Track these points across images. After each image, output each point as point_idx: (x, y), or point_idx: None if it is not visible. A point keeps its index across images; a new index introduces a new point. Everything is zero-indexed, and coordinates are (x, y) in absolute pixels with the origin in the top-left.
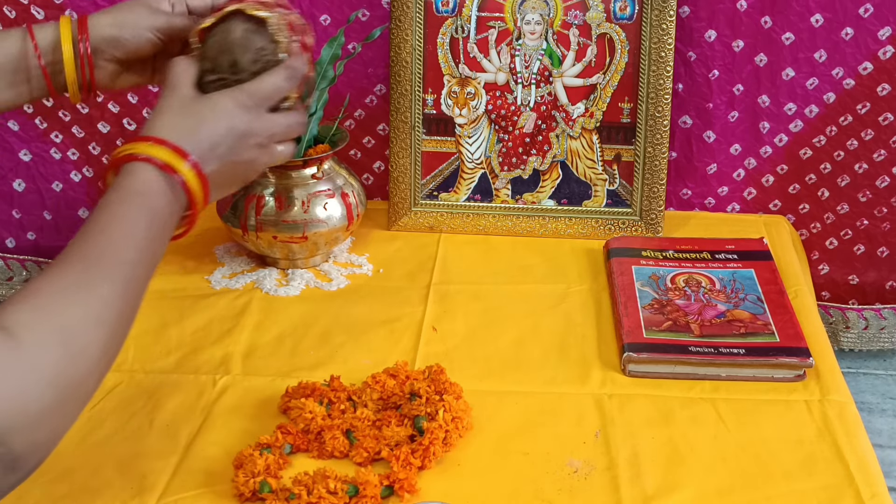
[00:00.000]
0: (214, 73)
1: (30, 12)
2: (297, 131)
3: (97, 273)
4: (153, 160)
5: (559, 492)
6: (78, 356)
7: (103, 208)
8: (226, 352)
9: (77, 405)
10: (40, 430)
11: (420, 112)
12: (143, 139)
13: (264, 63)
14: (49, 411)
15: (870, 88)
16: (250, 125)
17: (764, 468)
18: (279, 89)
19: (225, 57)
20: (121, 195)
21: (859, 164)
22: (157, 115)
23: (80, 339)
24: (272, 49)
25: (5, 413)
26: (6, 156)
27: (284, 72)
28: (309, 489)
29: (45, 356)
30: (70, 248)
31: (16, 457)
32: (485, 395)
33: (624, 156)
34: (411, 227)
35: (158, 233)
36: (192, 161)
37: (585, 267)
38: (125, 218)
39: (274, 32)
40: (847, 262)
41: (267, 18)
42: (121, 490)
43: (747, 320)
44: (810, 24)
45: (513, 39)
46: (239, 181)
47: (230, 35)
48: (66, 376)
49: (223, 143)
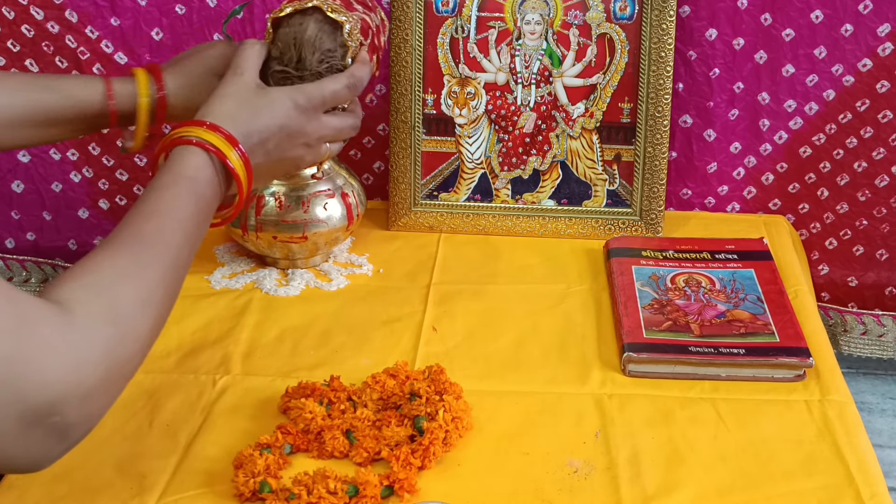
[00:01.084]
0: (280, 64)
1: (29, 12)
2: (347, 133)
3: (148, 255)
4: (206, 145)
5: (559, 492)
6: (127, 336)
7: (155, 190)
8: (226, 352)
9: (122, 382)
10: (91, 403)
11: (420, 112)
12: (199, 123)
13: (329, 66)
14: (99, 386)
15: (869, 85)
16: (303, 126)
17: (764, 468)
18: (338, 96)
19: (293, 51)
20: (173, 178)
21: (858, 162)
22: (218, 98)
23: (129, 320)
24: (341, 53)
25: (62, 384)
26: (5, 157)
27: (346, 80)
28: (309, 489)
29: (97, 333)
30: (123, 226)
31: (67, 426)
32: (485, 395)
33: (624, 156)
34: (411, 227)
35: (203, 218)
36: (241, 150)
37: (585, 267)
38: (176, 202)
39: (346, 38)
40: (847, 263)
41: (342, 23)
42: (121, 490)
43: (747, 320)
44: (810, 20)
45: (513, 39)
46: (279, 175)
47: (303, 31)
48: (115, 354)
49: (272, 139)
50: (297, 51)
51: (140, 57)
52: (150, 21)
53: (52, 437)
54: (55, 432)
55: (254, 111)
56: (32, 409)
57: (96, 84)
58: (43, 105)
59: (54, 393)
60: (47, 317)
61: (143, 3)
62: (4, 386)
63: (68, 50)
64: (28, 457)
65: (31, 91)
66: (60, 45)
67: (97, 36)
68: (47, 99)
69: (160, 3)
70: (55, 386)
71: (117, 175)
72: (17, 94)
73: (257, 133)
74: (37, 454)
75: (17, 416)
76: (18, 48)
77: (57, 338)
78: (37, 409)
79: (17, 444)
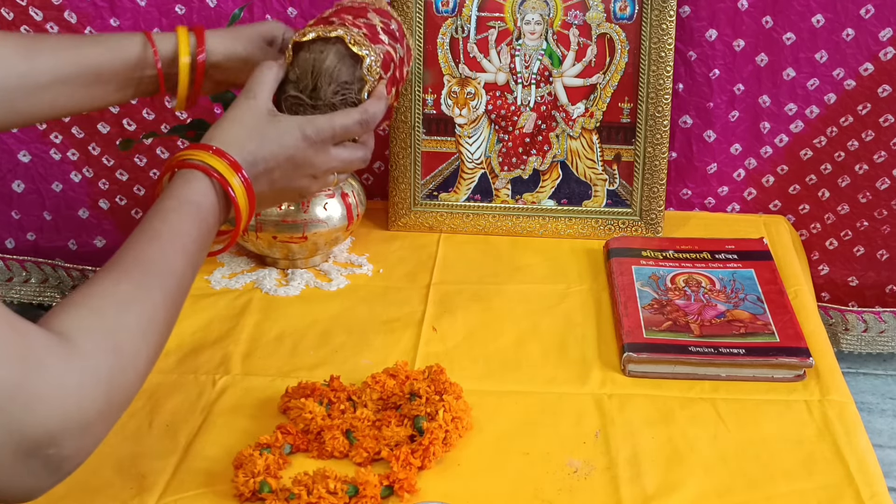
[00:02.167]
0: (295, 89)
1: (28, 13)
2: (357, 166)
3: (150, 282)
4: (210, 171)
5: (559, 492)
6: (128, 365)
7: (158, 214)
8: (225, 352)
9: (120, 412)
10: (88, 435)
11: (420, 112)
12: (205, 147)
13: (344, 98)
14: (98, 417)
15: (870, 89)
16: (310, 158)
17: (764, 468)
18: (348, 131)
19: (309, 79)
20: (177, 202)
21: (859, 164)
22: (227, 122)
23: (130, 349)
24: (357, 87)
25: (63, 416)
26: (5, 157)
27: (359, 115)
28: (309, 489)
29: (100, 364)
30: (125, 251)
31: (63, 458)
32: (485, 395)
33: (624, 156)
34: (411, 227)
35: (205, 243)
36: (244, 177)
37: (585, 267)
38: (179, 227)
39: (365, 73)
40: (847, 263)
41: (363, 57)
42: (120, 490)
43: (747, 320)
44: (811, 24)
45: (513, 39)
46: (282, 201)
47: (322, 60)
48: (116, 384)
49: (279, 169)
50: (314, 79)
51: None
52: (150, 21)
53: (47, 469)
54: (50, 464)
55: (262, 139)
56: (31, 439)
57: (139, 38)
58: (92, 61)
59: (54, 425)
60: (50, 347)
61: (142, 3)
62: (4, 415)
63: None
64: (20, 487)
65: (78, 47)
66: None
67: None
68: (94, 54)
69: (159, 3)
70: (56, 418)
71: (117, 175)
72: (64, 52)
73: (263, 161)
74: (29, 485)
75: (14, 445)
76: None
77: (59, 370)
78: (35, 439)
79: (11, 474)
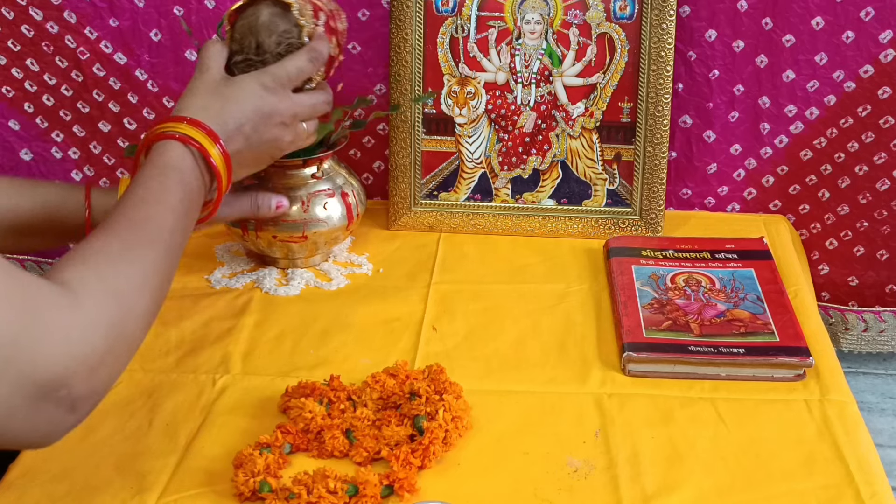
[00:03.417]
0: (241, 54)
1: (28, 13)
2: (321, 109)
3: (141, 238)
4: (188, 140)
5: (559, 491)
6: (127, 312)
7: (142, 182)
8: (225, 351)
9: (125, 357)
10: (96, 376)
11: (420, 112)
12: (178, 119)
13: (288, 45)
14: (103, 359)
15: (870, 91)
16: (275, 106)
17: (764, 468)
18: (301, 71)
19: (251, 39)
20: (158, 170)
21: (859, 166)
22: (188, 95)
23: (128, 298)
24: (296, 32)
25: (68, 358)
26: (7, 155)
27: (307, 54)
28: (309, 489)
29: (100, 310)
30: (114, 215)
31: (75, 399)
32: (485, 394)
33: (624, 155)
34: (411, 227)
35: (191, 205)
36: (221, 143)
37: (585, 266)
38: (163, 189)
39: (298, 16)
40: (847, 263)
41: (291, 3)
42: (120, 489)
43: (747, 320)
44: (811, 26)
45: (513, 39)
46: (264, 160)
47: (256, 19)
48: (118, 330)
49: (248, 123)
50: (255, 37)
51: (139, 58)
52: (149, 22)
53: (61, 411)
54: (64, 405)
55: (224, 99)
56: (41, 384)
57: (79, 195)
58: (21, 213)
59: (61, 367)
60: (51, 296)
61: (140, 4)
62: (13, 363)
63: (68, 50)
64: (38, 432)
65: (17, 196)
66: (60, 45)
67: (96, 36)
68: (25, 206)
69: (158, 4)
70: (61, 360)
71: (118, 174)
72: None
73: (232, 120)
74: (47, 428)
75: (25, 390)
76: (19, 48)
77: (62, 315)
78: (45, 383)
79: (28, 420)
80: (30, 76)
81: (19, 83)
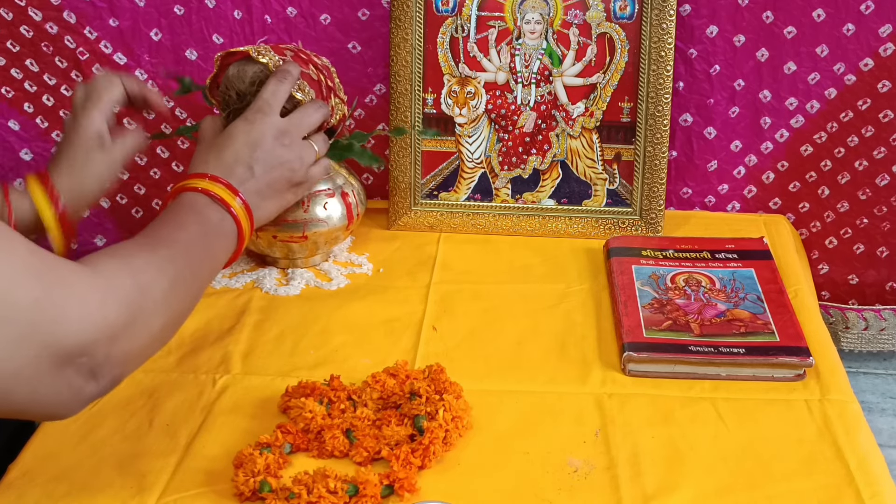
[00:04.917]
0: (228, 109)
1: (27, 13)
2: (313, 119)
3: (156, 241)
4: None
5: (559, 491)
6: (144, 289)
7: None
8: (225, 351)
9: (143, 334)
10: (117, 346)
11: (420, 111)
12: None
13: (261, 83)
14: (121, 329)
15: (870, 85)
16: (261, 130)
17: (764, 468)
18: (276, 92)
19: (230, 93)
20: (171, 206)
21: (859, 161)
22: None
23: (145, 276)
24: (263, 69)
25: (89, 324)
26: (7, 155)
27: (276, 76)
28: (309, 489)
29: (118, 283)
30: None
31: (96, 366)
32: (485, 394)
33: (624, 155)
34: (411, 227)
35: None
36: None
37: (585, 266)
38: (176, 213)
39: (257, 56)
40: (847, 261)
41: (248, 50)
42: (120, 489)
43: (747, 320)
44: (812, 18)
45: (513, 39)
46: (281, 185)
47: (227, 76)
48: (136, 303)
49: (243, 155)
50: (232, 90)
51: (139, 57)
52: (149, 22)
53: (82, 378)
54: (85, 372)
55: (218, 148)
56: (62, 349)
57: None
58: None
59: (82, 333)
60: (71, 267)
61: (141, 3)
62: (35, 328)
63: (68, 50)
64: (60, 399)
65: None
66: (60, 45)
67: (96, 37)
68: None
69: (158, 3)
70: (82, 326)
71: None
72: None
73: (229, 158)
74: (68, 396)
75: (49, 356)
76: (18, 48)
77: (82, 283)
78: (66, 349)
79: (50, 386)
80: (30, 76)
81: (19, 83)
